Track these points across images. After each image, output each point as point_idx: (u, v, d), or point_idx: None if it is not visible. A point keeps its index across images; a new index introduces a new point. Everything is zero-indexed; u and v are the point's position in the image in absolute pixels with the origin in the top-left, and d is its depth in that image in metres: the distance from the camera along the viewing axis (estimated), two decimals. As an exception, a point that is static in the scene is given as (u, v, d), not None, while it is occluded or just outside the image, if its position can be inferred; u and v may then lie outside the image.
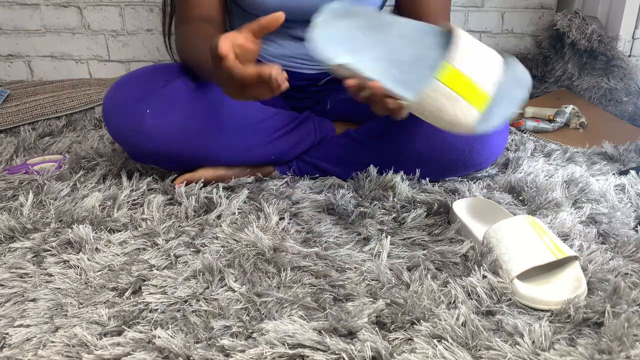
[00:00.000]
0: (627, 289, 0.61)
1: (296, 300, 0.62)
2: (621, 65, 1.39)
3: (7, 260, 0.72)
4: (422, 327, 0.56)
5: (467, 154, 0.88)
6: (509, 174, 0.96)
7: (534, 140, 1.16)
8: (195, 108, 0.86)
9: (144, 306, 0.62)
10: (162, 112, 0.85)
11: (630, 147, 1.07)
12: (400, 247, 0.73)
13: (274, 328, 0.56)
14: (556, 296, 0.60)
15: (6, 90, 1.42)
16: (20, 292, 0.65)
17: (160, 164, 0.93)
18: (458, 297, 0.61)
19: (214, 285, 0.65)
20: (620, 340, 0.53)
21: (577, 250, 0.71)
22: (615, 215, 0.79)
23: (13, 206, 0.86)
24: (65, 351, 0.55)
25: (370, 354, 0.53)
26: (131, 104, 0.85)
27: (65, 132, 1.28)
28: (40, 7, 1.63)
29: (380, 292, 0.63)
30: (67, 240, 0.75)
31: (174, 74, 0.90)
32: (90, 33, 1.67)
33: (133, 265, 0.70)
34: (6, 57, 1.70)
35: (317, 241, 0.75)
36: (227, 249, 0.73)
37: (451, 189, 0.90)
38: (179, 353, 0.53)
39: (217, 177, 0.93)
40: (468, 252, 0.71)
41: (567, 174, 0.93)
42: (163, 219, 0.81)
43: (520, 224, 0.69)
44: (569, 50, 1.49)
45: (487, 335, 0.55)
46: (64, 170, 1.00)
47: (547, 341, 0.54)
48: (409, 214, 0.81)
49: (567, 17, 1.48)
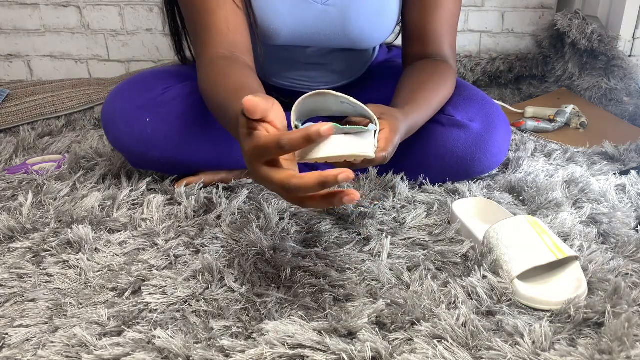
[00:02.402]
0: (627, 289, 0.61)
1: (296, 301, 0.62)
2: (621, 65, 1.39)
3: (6, 260, 0.71)
4: (422, 327, 0.56)
5: (468, 162, 0.87)
6: (509, 174, 0.96)
7: (535, 140, 1.16)
8: (196, 115, 0.86)
9: (143, 306, 0.62)
10: (162, 120, 0.85)
11: (631, 147, 1.07)
12: (401, 247, 0.73)
13: (274, 328, 0.56)
14: (556, 296, 0.60)
15: (6, 90, 1.42)
16: (20, 292, 0.65)
17: (161, 170, 0.93)
18: (458, 297, 0.61)
19: (213, 286, 0.65)
20: (620, 340, 0.53)
21: (578, 250, 0.71)
22: (616, 216, 0.79)
23: (12, 206, 0.85)
24: (64, 351, 0.55)
25: (370, 355, 0.53)
26: (130, 112, 0.84)
27: (64, 132, 1.28)
28: (40, 6, 1.63)
29: (381, 293, 0.63)
30: (67, 241, 0.75)
31: (173, 80, 0.90)
32: (90, 33, 1.67)
33: (133, 265, 0.70)
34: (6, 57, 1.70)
35: (317, 241, 0.75)
36: (227, 249, 0.73)
37: (451, 189, 0.90)
38: (179, 353, 0.53)
39: (218, 181, 0.93)
40: (468, 252, 0.71)
41: (567, 174, 0.92)
42: (163, 219, 0.81)
43: (520, 224, 0.69)
44: (569, 50, 1.48)
45: (488, 335, 0.55)
46: (64, 170, 1.00)
47: (547, 341, 0.54)
48: (409, 214, 0.81)
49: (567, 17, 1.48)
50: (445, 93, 0.85)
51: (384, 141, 0.64)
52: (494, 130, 0.86)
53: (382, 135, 0.65)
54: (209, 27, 0.78)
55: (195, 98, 0.87)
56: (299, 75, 0.99)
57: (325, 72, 0.99)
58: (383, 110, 0.69)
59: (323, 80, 1.00)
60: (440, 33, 0.88)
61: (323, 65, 0.97)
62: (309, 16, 0.86)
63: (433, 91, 0.82)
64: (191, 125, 0.86)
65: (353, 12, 0.86)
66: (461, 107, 0.87)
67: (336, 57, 0.97)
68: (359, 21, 0.87)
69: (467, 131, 0.85)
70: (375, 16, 0.87)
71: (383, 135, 0.65)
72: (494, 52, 1.68)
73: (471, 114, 0.86)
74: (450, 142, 0.86)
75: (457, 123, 0.85)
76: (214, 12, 0.78)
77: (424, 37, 0.88)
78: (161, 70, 0.93)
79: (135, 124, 0.84)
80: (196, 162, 0.89)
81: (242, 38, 0.80)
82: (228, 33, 0.78)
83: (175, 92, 0.87)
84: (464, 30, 1.67)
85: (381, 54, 1.10)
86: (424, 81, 0.83)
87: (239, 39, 0.80)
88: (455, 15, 0.89)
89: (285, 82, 1.00)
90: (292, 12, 0.85)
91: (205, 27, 0.78)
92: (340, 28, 0.87)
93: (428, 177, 0.91)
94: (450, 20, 0.88)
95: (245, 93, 0.63)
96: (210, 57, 0.77)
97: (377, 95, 0.98)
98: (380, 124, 0.66)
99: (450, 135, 0.86)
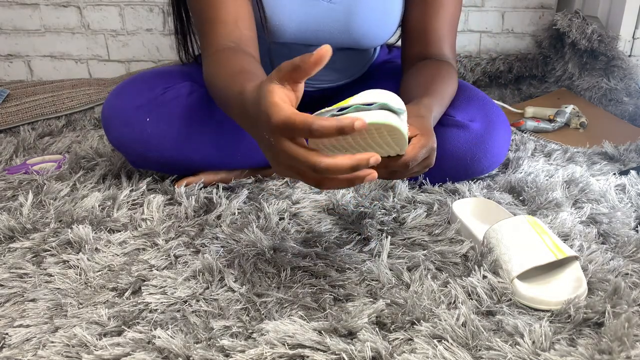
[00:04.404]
0: (627, 289, 0.61)
1: (296, 301, 0.62)
2: (621, 65, 1.39)
3: (6, 260, 0.71)
4: (422, 327, 0.56)
5: (468, 162, 0.87)
6: (509, 174, 0.96)
7: (534, 140, 1.16)
8: (196, 115, 0.86)
9: (143, 306, 0.62)
10: (162, 120, 0.85)
11: (631, 147, 1.07)
12: (400, 247, 0.73)
13: (274, 328, 0.56)
14: (556, 296, 0.60)
15: (6, 90, 1.42)
16: (20, 292, 0.65)
17: (161, 170, 0.93)
18: (458, 297, 0.61)
19: (213, 286, 0.65)
20: (620, 340, 0.53)
21: (578, 250, 0.71)
22: (616, 215, 0.79)
23: (13, 206, 0.85)
24: (65, 351, 0.55)
25: (370, 354, 0.53)
26: (131, 112, 0.84)
27: (64, 132, 1.28)
28: (40, 6, 1.63)
29: (381, 292, 0.63)
30: (67, 241, 0.75)
31: (174, 80, 0.90)
32: (90, 33, 1.67)
33: (133, 265, 0.70)
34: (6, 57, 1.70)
35: (317, 241, 0.75)
36: (227, 249, 0.73)
37: (451, 189, 0.90)
38: (179, 353, 0.53)
39: (218, 181, 0.93)
40: (468, 252, 0.71)
41: (567, 174, 0.92)
42: (163, 219, 0.81)
43: (520, 224, 0.69)
44: (569, 50, 1.49)
45: (488, 335, 0.55)
46: (64, 170, 1.00)
47: (547, 341, 0.54)
48: (409, 214, 0.81)
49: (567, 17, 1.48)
50: (452, 90, 0.85)
51: (412, 147, 0.60)
52: (494, 130, 0.86)
53: (414, 142, 0.61)
54: (216, 21, 0.78)
55: (195, 98, 0.87)
56: None
57: (327, 70, 0.99)
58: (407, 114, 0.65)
59: (325, 79, 1.01)
60: (440, 34, 0.88)
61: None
62: (314, 13, 0.86)
63: (444, 86, 0.81)
64: (191, 125, 0.86)
65: (358, 10, 0.86)
66: (461, 107, 0.87)
67: (338, 56, 0.97)
68: (364, 20, 0.87)
69: (467, 131, 0.85)
70: (380, 15, 0.87)
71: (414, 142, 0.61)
72: (494, 52, 1.68)
73: (471, 114, 0.86)
74: (450, 142, 0.86)
75: (457, 123, 0.85)
76: (221, 6, 0.78)
77: (424, 38, 0.88)
78: (161, 70, 0.93)
79: (136, 124, 0.84)
80: (196, 162, 0.89)
81: (249, 32, 0.80)
82: (235, 27, 0.78)
83: (175, 92, 0.87)
84: (464, 30, 1.67)
85: (382, 54, 1.10)
86: (434, 75, 0.83)
87: (246, 32, 0.79)
88: (455, 16, 0.89)
89: None
90: (299, 9, 0.85)
91: (212, 20, 0.78)
92: (345, 26, 0.87)
93: (428, 177, 0.91)
94: (450, 21, 0.88)
95: (247, 77, 0.63)
96: (216, 49, 0.76)
97: None
98: (409, 130, 0.61)
99: (450, 135, 0.86)
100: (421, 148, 0.61)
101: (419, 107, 0.70)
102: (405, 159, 0.60)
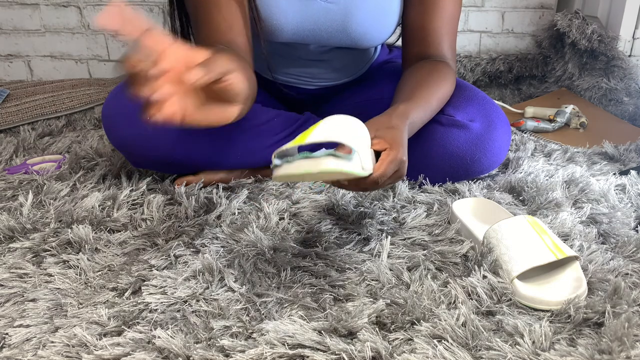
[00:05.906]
0: (627, 289, 0.61)
1: (296, 301, 0.62)
2: (621, 65, 1.39)
3: (6, 260, 0.71)
4: (422, 327, 0.56)
5: (468, 162, 0.87)
6: (509, 174, 0.96)
7: (534, 140, 1.16)
8: None
9: (143, 306, 0.62)
10: None
11: (631, 147, 1.07)
12: (400, 247, 0.73)
13: (274, 328, 0.56)
14: (556, 296, 0.60)
15: (6, 90, 1.42)
16: (20, 292, 0.65)
17: (161, 170, 0.93)
18: (458, 297, 0.61)
19: (213, 286, 0.65)
20: (620, 340, 0.53)
21: (578, 250, 0.71)
22: (616, 216, 0.79)
23: (13, 206, 0.85)
24: (65, 351, 0.55)
25: (370, 354, 0.53)
26: (131, 111, 0.84)
27: (64, 132, 1.28)
28: (40, 6, 1.63)
29: (381, 292, 0.63)
30: (67, 241, 0.75)
31: None
32: (90, 33, 1.67)
33: (133, 265, 0.70)
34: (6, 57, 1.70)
35: (317, 241, 0.75)
36: (227, 249, 0.73)
37: (451, 189, 0.90)
38: (179, 353, 0.53)
39: (218, 180, 0.93)
40: (468, 252, 0.71)
41: (567, 174, 0.92)
42: (163, 219, 0.81)
43: (520, 224, 0.69)
44: (569, 50, 1.49)
45: (487, 335, 0.55)
46: (64, 170, 1.00)
47: (547, 341, 0.54)
48: (409, 214, 0.81)
49: (567, 17, 1.48)
50: (444, 92, 0.84)
51: (380, 163, 0.62)
52: (494, 130, 0.86)
53: (382, 157, 0.63)
54: (208, 24, 0.79)
55: None
56: (300, 72, 0.99)
57: (327, 69, 0.99)
58: (377, 127, 0.68)
59: (324, 77, 1.01)
60: (440, 34, 0.88)
61: (324, 62, 0.98)
62: (311, 13, 0.86)
63: (432, 89, 0.81)
64: None
65: (355, 10, 0.86)
66: (461, 107, 0.87)
67: (337, 55, 0.97)
68: (361, 20, 0.87)
69: (467, 131, 0.85)
70: (377, 15, 0.87)
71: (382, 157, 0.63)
72: (493, 52, 1.68)
73: (471, 114, 0.86)
74: (450, 142, 0.85)
75: (457, 123, 0.85)
76: (213, 11, 0.79)
77: (423, 38, 0.88)
78: None
79: (136, 124, 0.84)
80: (196, 161, 0.89)
81: (242, 38, 0.81)
82: (227, 31, 0.79)
83: None
84: (464, 30, 1.67)
85: (382, 54, 1.10)
86: (422, 80, 0.83)
87: (238, 39, 0.81)
88: (455, 16, 0.89)
89: (286, 77, 1.00)
90: (296, 8, 0.85)
91: (205, 23, 0.80)
92: (342, 26, 0.87)
93: (428, 177, 0.91)
94: (450, 22, 0.88)
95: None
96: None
97: (377, 94, 0.98)
98: (379, 144, 0.64)
99: (450, 135, 0.86)
100: (390, 163, 0.62)
101: (391, 118, 0.71)
102: (374, 177, 0.62)
